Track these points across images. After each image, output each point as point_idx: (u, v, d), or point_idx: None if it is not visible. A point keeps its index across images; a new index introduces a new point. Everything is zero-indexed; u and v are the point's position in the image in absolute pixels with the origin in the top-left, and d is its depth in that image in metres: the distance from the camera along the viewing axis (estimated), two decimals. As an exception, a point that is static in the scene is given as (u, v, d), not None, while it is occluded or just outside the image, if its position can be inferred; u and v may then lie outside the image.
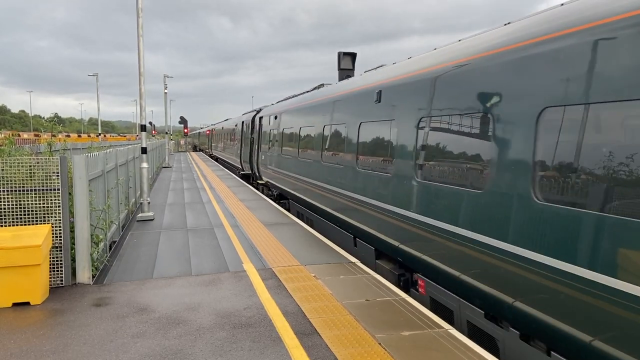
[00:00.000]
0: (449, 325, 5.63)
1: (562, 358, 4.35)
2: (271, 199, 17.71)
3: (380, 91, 8.30)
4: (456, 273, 5.87)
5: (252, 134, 23.53)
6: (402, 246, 7.35)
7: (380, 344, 5.12)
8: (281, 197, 17.17)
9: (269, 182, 18.73)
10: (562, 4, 4.96)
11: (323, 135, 11.41)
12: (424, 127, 6.82)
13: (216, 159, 46.72)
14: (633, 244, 3.61)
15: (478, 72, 5.66)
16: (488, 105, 5.37)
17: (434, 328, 5.52)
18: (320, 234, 10.86)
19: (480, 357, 4.79)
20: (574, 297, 4.09)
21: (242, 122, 27.38)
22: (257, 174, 21.91)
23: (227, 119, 46.96)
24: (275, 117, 17.42)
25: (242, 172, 27.28)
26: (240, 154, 27.43)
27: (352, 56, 14.23)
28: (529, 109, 4.72)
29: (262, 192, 19.96)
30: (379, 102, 8.28)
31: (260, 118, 21.20)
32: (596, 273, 3.87)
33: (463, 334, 5.51)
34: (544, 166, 4.52)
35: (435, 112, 6.57)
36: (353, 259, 8.58)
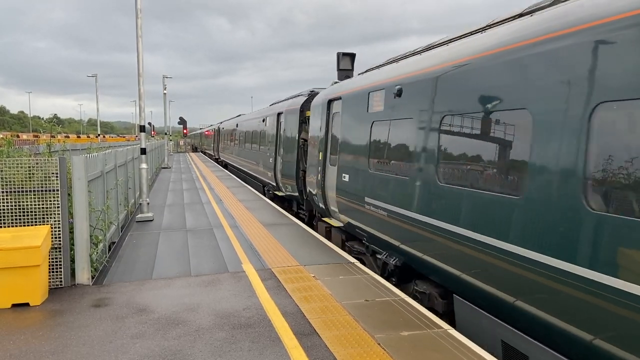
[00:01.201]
0: (449, 326, 5.63)
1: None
2: (365, 263, 9.16)
3: None
4: None
5: (300, 133, 14.58)
6: None
7: (379, 344, 5.12)
8: (406, 273, 7.74)
9: (364, 231, 9.03)
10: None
11: None
12: None
13: (225, 165, 37.33)
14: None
15: None
16: None
17: (433, 328, 5.52)
18: None
19: (480, 357, 4.80)
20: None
21: (279, 115, 17.33)
22: (320, 204, 11.75)
23: (239, 115, 36.23)
24: (398, 93, 7.76)
25: (277, 193, 17.48)
26: (276, 166, 17.11)
27: (352, 56, 14.22)
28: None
29: (329, 238, 11.18)
30: None
31: (330, 103, 11.28)
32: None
33: None
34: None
35: None
36: (352, 260, 8.58)
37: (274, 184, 17.60)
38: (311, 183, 12.46)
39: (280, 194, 17.03)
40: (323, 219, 11.91)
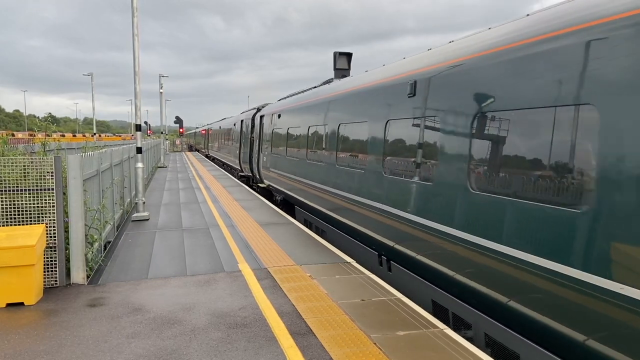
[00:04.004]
0: (445, 325, 5.64)
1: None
2: None
3: None
4: None
5: None
6: None
7: (375, 343, 5.12)
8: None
9: None
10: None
11: None
12: None
13: (285, 206, 16.19)
14: None
15: None
16: None
17: (429, 328, 5.52)
18: None
19: (476, 357, 4.80)
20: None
21: None
22: None
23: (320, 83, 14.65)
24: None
25: None
26: None
27: (348, 56, 14.23)
28: None
29: None
30: None
31: None
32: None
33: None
34: None
35: None
36: (349, 259, 8.58)
37: None
38: None
39: None
40: None
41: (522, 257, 4.75)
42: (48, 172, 7.06)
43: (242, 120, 26.04)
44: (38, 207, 7.01)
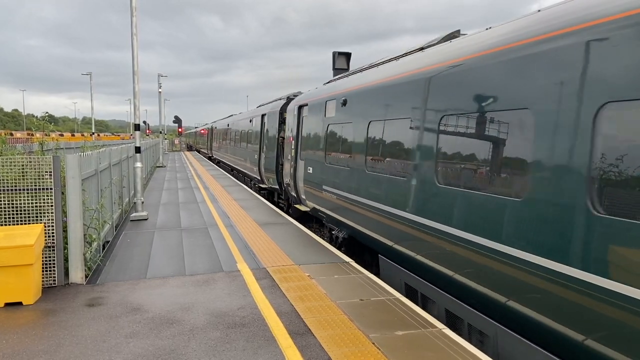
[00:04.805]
0: (443, 325, 5.64)
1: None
2: None
3: None
4: None
5: None
6: None
7: (374, 343, 5.12)
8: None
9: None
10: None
11: None
12: None
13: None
14: None
15: None
16: None
17: (427, 328, 5.53)
18: None
19: (474, 357, 4.81)
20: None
21: None
22: None
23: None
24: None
25: None
26: None
27: (347, 56, 14.26)
28: None
29: None
30: None
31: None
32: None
33: None
34: None
35: None
36: (347, 259, 8.58)
37: None
38: None
39: None
40: None
41: None
42: (46, 172, 7.05)
43: (263, 115, 19.48)
44: (36, 206, 7.00)
